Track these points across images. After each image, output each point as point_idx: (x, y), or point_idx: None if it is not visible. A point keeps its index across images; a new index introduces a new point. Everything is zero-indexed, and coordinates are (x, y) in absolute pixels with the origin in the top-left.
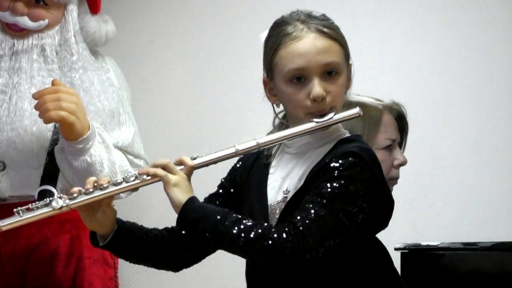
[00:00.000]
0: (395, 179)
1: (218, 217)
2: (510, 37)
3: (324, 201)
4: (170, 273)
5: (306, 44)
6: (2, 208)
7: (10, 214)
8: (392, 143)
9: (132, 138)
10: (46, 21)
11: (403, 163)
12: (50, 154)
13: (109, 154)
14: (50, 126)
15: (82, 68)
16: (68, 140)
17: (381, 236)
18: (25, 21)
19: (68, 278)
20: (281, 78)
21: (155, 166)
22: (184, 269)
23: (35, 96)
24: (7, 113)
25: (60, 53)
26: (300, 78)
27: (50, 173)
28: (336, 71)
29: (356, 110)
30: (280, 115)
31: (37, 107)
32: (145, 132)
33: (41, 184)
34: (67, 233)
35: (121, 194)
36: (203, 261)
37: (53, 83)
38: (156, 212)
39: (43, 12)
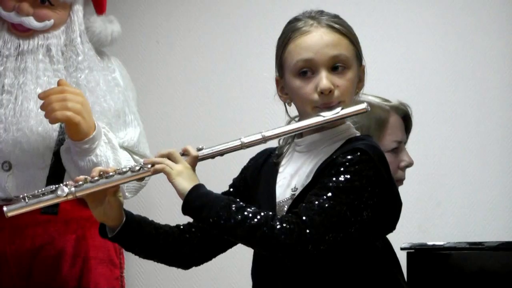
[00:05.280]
0: (400, 181)
1: (223, 203)
2: None
3: (329, 194)
4: (176, 273)
5: (315, 38)
6: None
7: (15, 214)
8: (399, 145)
9: (137, 138)
10: (52, 21)
11: (410, 164)
12: (56, 154)
13: (115, 154)
14: (56, 126)
15: (88, 68)
16: (74, 140)
17: (387, 235)
18: (30, 21)
19: (74, 278)
20: (290, 73)
21: (160, 155)
22: (193, 267)
23: (41, 96)
24: (13, 113)
25: (65, 53)
26: (308, 72)
27: (56, 173)
28: (345, 65)
29: (363, 105)
30: (296, 119)
31: (43, 107)
32: (151, 132)
33: (47, 185)
34: (73, 233)
35: (126, 194)
36: (209, 261)
37: (59, 83)
38: (163, 213)
39: (49, 12)
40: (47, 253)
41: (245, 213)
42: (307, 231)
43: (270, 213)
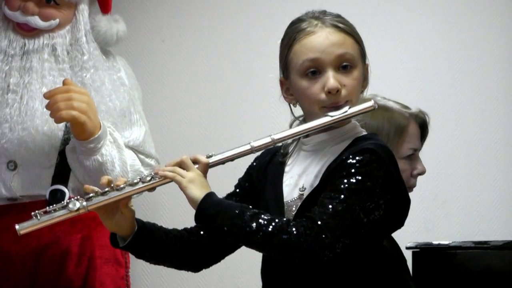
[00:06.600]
0: (411, 188)
1: (236, 211)
2: None
3: (342, 196)
4: (182, 273)
5: (320, 38)
6: (14, 208)
7: (21, 214)
8: (414, 152)
9: (143, 137)
10: (57, 20)
11: (422, 172)
12: (61, 154)
13: (121, 154)
14: (61, 125)
15: (93, 67)
16: (79, 139)
17: (393, 235)
18: (36, 21)
19: (79, 278)
20: (296, 73)
21: (173, 164)
22: (204, 269)
23: (46, 95)
24: (18, 113)
25: (71, 52)
26: (314, 72)
27: (61, 173)
28: (351, 64)
29: (370, 103)
30: (301, 119)
31: (48, 107)
32: (156, 131)
33: (52, 184)
34: (79, 233)
35: None
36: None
37: (64, 83)
38: (167, 213)
39: (54, 11)
40: (53, 253)
41: (260, 220)
42: (323, 235)
43: (284, 219)
